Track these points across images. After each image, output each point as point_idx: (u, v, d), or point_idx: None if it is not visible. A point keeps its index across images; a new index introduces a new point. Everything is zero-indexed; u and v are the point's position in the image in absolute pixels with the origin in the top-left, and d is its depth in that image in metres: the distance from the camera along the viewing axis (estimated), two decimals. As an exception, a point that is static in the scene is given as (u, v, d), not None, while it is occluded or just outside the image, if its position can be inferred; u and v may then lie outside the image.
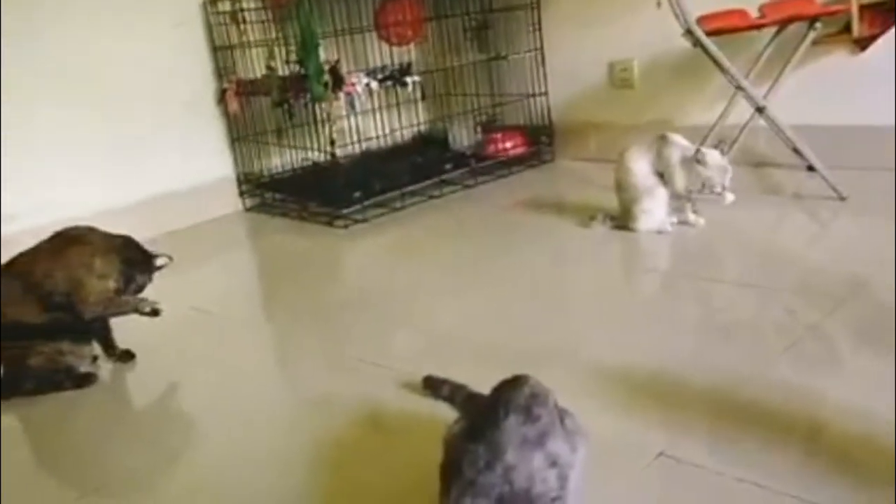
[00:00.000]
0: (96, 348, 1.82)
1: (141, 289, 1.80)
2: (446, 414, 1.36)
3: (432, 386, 1.46)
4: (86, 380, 1.75)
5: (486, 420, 0.99)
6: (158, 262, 1.80)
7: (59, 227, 1.78)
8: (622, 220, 2.36)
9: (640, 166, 2.27)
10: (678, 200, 2.30)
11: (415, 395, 1.50)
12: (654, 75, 3.08)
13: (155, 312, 1.78)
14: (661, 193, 2.27)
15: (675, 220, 2.33)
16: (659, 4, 2.36)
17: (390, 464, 1.31)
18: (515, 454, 0.95)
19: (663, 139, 2.26)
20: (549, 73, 3.34)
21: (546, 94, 3.35)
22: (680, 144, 2.25)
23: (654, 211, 2.28)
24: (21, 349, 1.69)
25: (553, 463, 0.98)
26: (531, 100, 3.36)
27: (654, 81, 3.09)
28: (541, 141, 3.38)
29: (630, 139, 2.43)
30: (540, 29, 3.29)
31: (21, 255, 1.73)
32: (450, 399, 1.40)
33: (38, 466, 1.54)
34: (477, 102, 3.37)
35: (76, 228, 1.77)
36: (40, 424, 1.66)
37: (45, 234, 1.76)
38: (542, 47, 3.31)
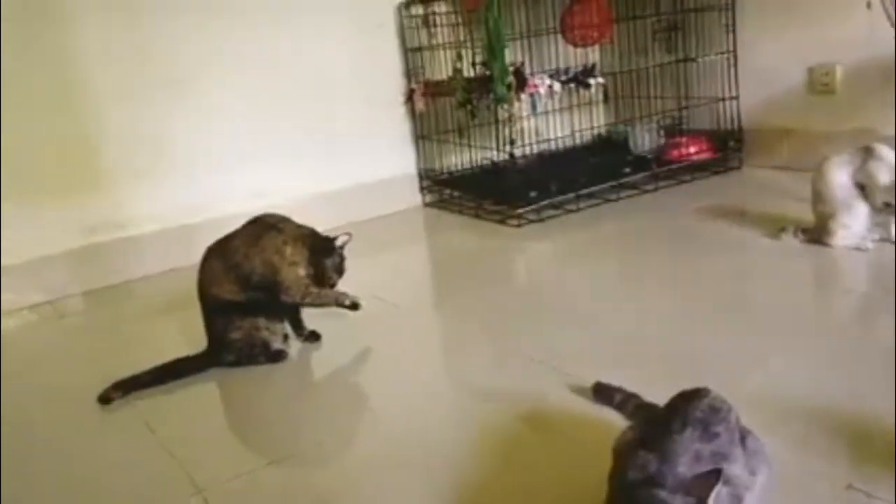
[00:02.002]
0: (287, 327, 1.95)
1: (341, 272, 1.87)
2: (615, 421, 1.35)
3: (603, 392, 1.45)
4: (278, 356, 1.87)
5: (659, 430, 0.98)
6: (339, 241, 1.86)
7: (256, 213, 1.92)
8: (816, 233, 2.21)
9: (841, 177, 2.12)
10: (881, 216, 2.12)
11: (583, 398, 1.50)
12: (859, 81, 2.86)
13: (354, 306, 1.88)
14: (862, 208, 2.11)
15: (876, 236, 2.15)
16: (869, 5, 2.20)
17: (554, 466, 1.32)
18: (687, 469, 0.93)
19: (869, 150, 2.10)
20: (742, 76, 3.19)
21: (737, 97, 3.21)
22: (888, 157, 2.08)
23: (854, 226, 2.13)
24: (224, 323, 1.85)
25: (727, 482, 0.95)
26: (720, 104, 3.23)
27: (858, 88, 2.86)
28: (728, 146, 3.24)
29: (828, 148, 2.28)
30: (734, 30, 3.15)
31: (224, 238, 1.88)
32: (621, 407, 1.38)
33: (233, 432, 1.69)
34: (661, 105, 3.28)
35: (271, 216, 1.89)
36: (236, 394, 1.81)
37: (245, 219, 1.90)
38: (735, 49, 3.17)
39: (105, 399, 1.74)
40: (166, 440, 1.58)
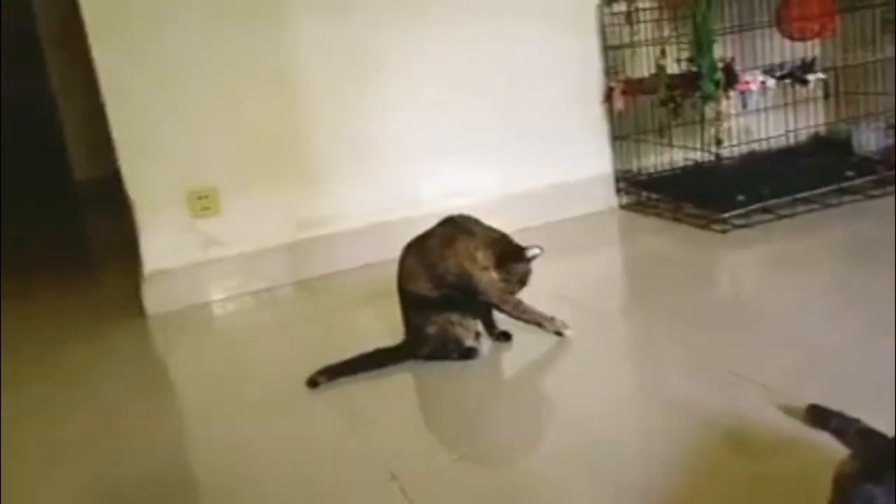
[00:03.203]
0: (480, 325, 1.97)
1: (524, 282, 1.88)
2: (827, 445, 1.24)
3: (818, 416, 1.34)
4: (470, 353, 1.90)
5: (888, 462, 0.88)
6: (530, 253, 1.86)
7: (449, 212, 1.95)
8: None
9: None
10: None
11: (789, 419, 1.39)
12: None
13: (558, 334, 1.89)
14: None
15: None
16: None
17: (755, 489, 1.24)
18: (923, 509, 0.83)
19: None
20: None
21: (985, 92, 2.84)
22: None
23: None
24: (420, 318, 1.90)
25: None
26: (963, 100, 2.88)
27: None
28: (972, 148, 2.88)
29: None
30: (984, 16, 2.79)
31: (420, 236, 1.93)
32: (839, 433, 1.26)
33: (426, 423, 1.74)
34: (890, 102, 2.98)
35: (464, 218, 1.92)
36: (429, 387, 1.86)
37: (438, 218, 1.94)
38: (985, 38, 2.81)
39: (312, 383, 1.85)
40: (366, 426, 1.66)
